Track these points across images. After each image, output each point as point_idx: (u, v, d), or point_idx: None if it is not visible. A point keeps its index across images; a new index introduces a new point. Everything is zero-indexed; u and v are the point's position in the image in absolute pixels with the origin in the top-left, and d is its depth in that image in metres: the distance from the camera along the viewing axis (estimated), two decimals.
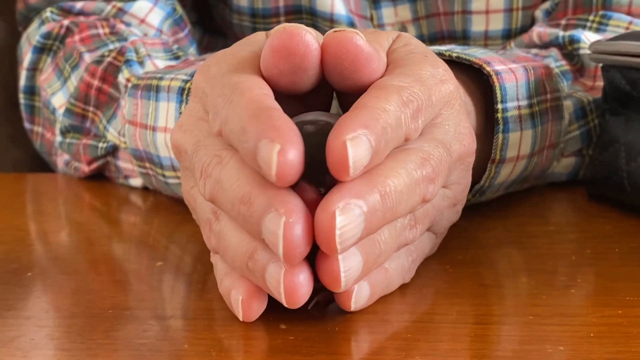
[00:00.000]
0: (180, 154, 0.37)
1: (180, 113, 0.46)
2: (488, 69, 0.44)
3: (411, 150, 0.33)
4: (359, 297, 0.34)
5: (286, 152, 0.29)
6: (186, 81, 0.46)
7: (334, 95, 0.38)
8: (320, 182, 0.32)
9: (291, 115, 0.33)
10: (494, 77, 0.43)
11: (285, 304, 0.31)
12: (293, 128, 0.30)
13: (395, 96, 0.32)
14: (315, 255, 0.32)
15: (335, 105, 0.39)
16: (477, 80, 0.45)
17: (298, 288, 0.31)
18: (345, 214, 0.30)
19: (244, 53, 0.35)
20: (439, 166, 0.33)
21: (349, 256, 0.31)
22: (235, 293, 0.33)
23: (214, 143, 0.34)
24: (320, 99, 0.37)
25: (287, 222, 0.30)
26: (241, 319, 0.33)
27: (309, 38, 0.33)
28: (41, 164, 0.64)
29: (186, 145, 0.36)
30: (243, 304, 0.33)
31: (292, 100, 0.36)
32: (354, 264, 0.32)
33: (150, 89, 0.48)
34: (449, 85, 0.35)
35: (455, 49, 0.45)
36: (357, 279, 0.32)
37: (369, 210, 0.30)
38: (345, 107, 0.37)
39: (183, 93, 0.46)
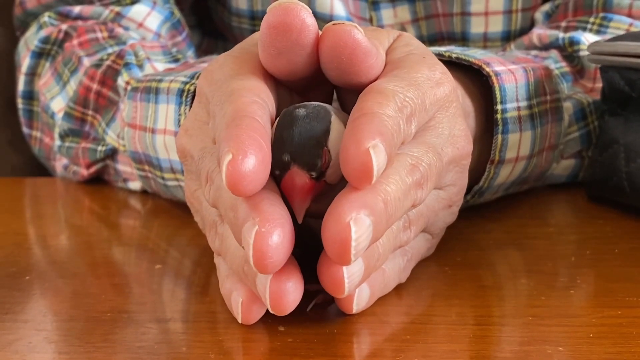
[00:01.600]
0: (185, 158, 0.37)
1: (180, 115, 0.46)
2: (487, 69, 0.43)
3: (401, 155, 0.32)
4: (360, 299, 0.34)
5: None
6: (185, 83, 0.46)
7: (334, 96, 0.38)
8: (310, 167, 0.31)
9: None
10: (494, 77, 0.43)
11: (271, 311, 0.31)
12: (255, 138, 0.30)
13: (392, 101, 0.32)
14: (312, 259, 0.32)
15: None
16: (476, 82, 0.45)
17: (284, 295, 0.31)
18: (358, 225, 0.29)
19: (246, 55, 0.35)
20: (427, 171, 0.33)
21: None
22: (236, 295, 0.33)
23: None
24: (320, 97, 0.37)
25: (258, 231, 0.29)
26: (240, 322, 0.33)
27: (305, 13, 0.32)
28: (40, 169, 0.64)
29: (192, 150, 0.36)
30: (243, 306, 0.33)
31: (294, 100, 0.36)
32: (356, 269, 0.31)
33: (150, 91, 0.48)
34: (445, 87, 0.35)
35: (454, 50, 0.45)
36: (358, 284, 0.32)
37: (376, 219, 0.30)
38: (344, 105, 0.37)
39: (182, 95, 0.46)
